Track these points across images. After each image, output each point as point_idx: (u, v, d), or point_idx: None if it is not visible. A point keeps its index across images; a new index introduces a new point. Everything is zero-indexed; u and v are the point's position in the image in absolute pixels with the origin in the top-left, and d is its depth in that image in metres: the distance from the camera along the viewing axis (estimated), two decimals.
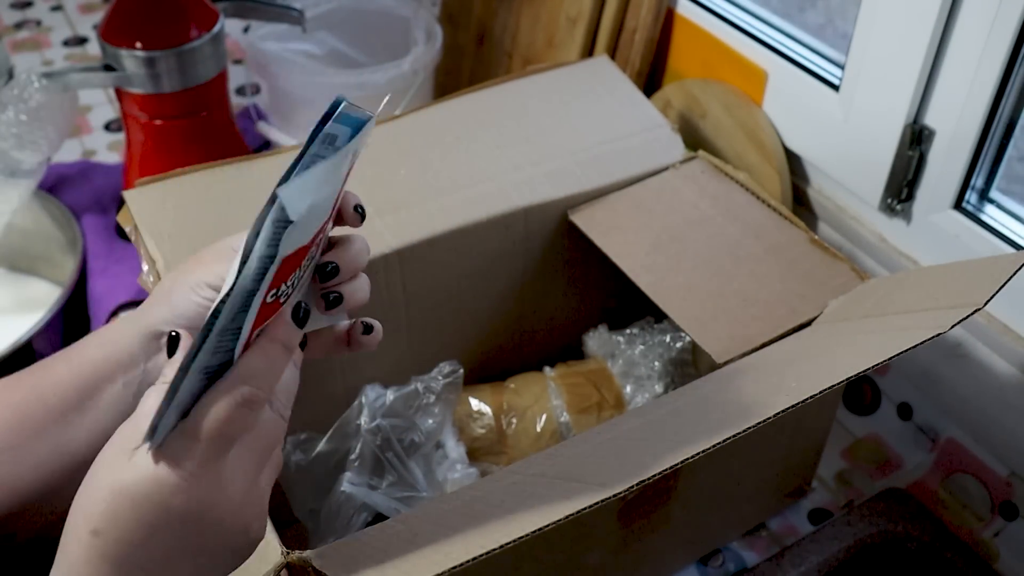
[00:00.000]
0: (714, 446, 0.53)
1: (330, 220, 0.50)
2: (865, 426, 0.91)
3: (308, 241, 0.47)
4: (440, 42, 1.18)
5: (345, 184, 0.50)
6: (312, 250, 0.49)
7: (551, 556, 0.67)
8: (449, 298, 0.83)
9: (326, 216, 0.48)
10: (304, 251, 0.47)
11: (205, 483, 0.44)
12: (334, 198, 0.49)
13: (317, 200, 0.44)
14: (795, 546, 0.79)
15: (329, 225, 0.51)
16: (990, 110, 0.76)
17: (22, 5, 1.57)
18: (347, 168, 0.48)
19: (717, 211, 0.83)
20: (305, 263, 0.49)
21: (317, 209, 0.45)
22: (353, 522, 0.71)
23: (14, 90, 0.93)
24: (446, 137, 0.87)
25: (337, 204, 0.51)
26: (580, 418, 0.81)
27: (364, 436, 0.74)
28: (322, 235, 0.50)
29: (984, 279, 0.60)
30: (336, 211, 0.51)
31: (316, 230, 0.47)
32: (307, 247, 0.47)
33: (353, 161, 0.49)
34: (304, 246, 0.46)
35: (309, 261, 0.50)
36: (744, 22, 0.98)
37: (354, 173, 0.51)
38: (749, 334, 0.72)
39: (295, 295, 0.49)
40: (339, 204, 0.51)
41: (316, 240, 0.49)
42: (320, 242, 0.50)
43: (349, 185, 0.51)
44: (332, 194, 0.48)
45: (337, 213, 0.52)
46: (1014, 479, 0.81)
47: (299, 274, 0.48)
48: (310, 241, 0.47)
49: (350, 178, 0.50)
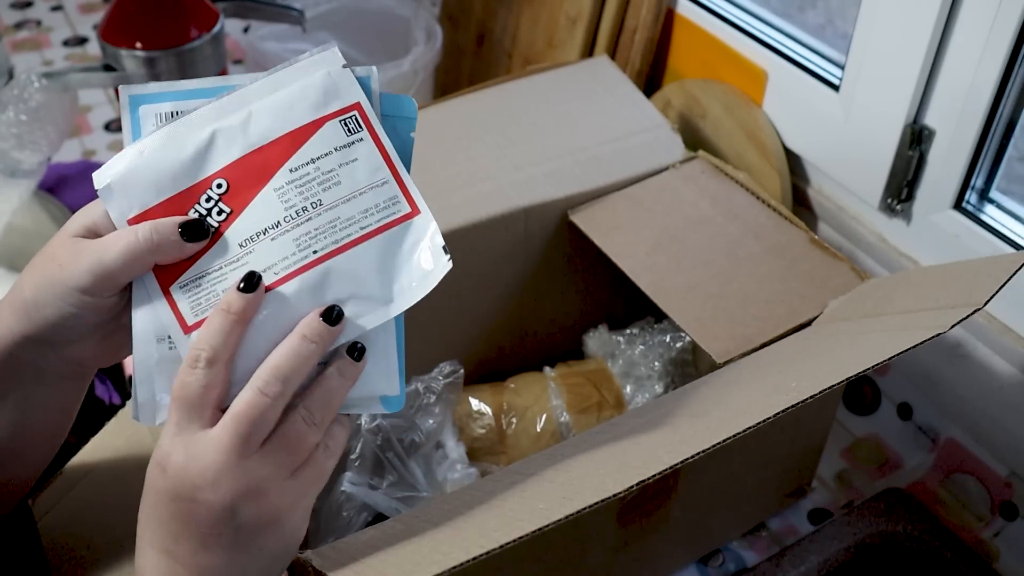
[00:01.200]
0: (714, 446, 0.53)
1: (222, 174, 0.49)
2: (865, 426, 0.91)
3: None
4: (440, 42, 1.18)
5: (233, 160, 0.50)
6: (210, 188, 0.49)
7: (551, 556, 0.67)
8: (449, 298, 0.83)
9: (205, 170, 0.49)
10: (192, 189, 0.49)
11: (181, 444, 0.46)
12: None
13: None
14: (795, 546, 0.79)
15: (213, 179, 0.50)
16: (990, 110, 0.76)
17: (22, 5, 1.57)
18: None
19: (717, 211, 0.83)
20: (207, 200, 0.49)
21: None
22: (353, 522, 0.71)
23: (14, 90, 0.93)
24: (446, 137, 0.87)
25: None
26: (580, 418, 0.81)
27: (364, 436, 0.74)
28: (212, 188, 0.49)
29: (984, 279, 0.60)
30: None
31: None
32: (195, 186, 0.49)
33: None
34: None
35: (200, 217, 0.49)
36: (744, 22, 0.98)
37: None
38: (749, 334, 0.72)
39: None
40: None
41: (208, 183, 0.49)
42: (209, 200, 0.49)
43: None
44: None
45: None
46: (1014, 479, 0.81)
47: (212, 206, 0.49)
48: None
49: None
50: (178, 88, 0.51)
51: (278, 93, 0.50)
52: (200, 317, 0.48)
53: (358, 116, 0.50)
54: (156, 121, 0.50)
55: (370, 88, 0.51)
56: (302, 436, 0.47)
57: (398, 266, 0.50)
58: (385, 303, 0.50)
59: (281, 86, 0.50)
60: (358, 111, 0.50)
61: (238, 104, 0.50)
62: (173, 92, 0.51)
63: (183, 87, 0.51)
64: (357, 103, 0.51)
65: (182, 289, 0.49)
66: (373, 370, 0.50)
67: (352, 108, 0.50)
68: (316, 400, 0.48)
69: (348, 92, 0.51)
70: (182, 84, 0.51)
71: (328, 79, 0.50)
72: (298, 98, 0.50)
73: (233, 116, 0.50)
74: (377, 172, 0.50)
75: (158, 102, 0.51)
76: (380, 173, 0.50)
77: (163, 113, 0.50)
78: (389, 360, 0.51)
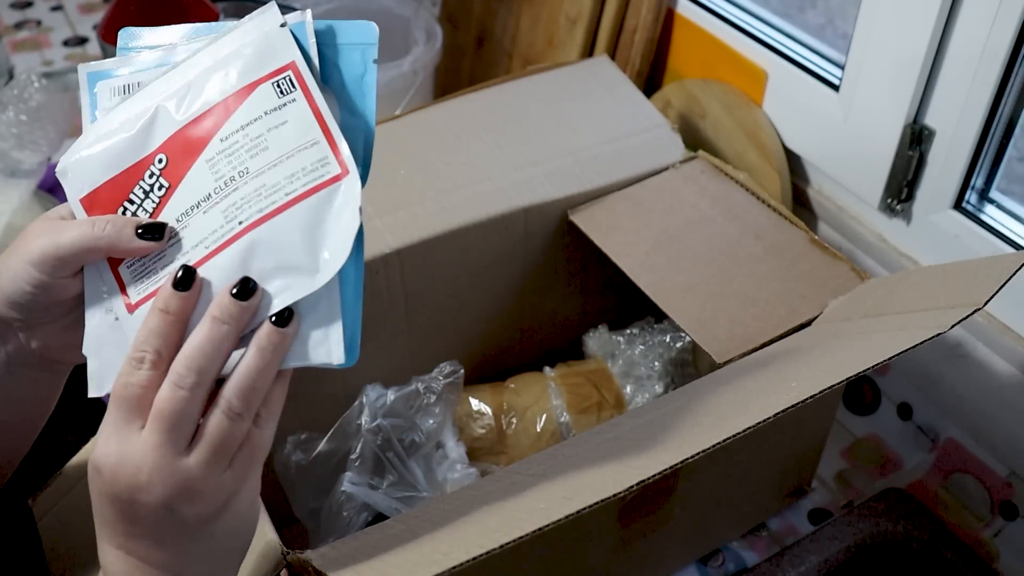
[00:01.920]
0: (714, 446, 0.53)
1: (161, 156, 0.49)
2: (865, 426, 0.91)
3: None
4: (440, 42, 1.18)
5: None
6: (150, 170, 0.49)
7: (551, 556, 0.67)
8: (449, 298, 0.83)
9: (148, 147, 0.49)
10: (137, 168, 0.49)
11: (115, 445, 0.45)
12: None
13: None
14: (795, 546, 0.79)
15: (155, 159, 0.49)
16: (990, 110, 0.76)
17: (22, 5, 1.57)
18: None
19: (717, 211, 0.83)
20: (138, 193, 0.49)
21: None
22: (353, 522, 0.71)
23: (14, 90, 0.93)
24: (446, 137, 0.87)
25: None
26: (580, 418, 0.81)
27: (365, 436, 0.74)
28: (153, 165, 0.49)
29: (984, 279, 0.60)
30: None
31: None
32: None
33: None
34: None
35: (144, 193, 0.49)
36: (744, 22, 0.98)
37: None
38: (749, 334, 0.72)
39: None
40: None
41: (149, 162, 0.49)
42: (151, 176, 0.49)
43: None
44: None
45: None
46: (1014, 479, 0.81)
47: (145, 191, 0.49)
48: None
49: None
50: (131, 61, 0.51)
51: (215, 61, 0.49)
52: (142, 295, 0.48)
53: (292, 76, 0.48)
54: (111, 95, 0.51)
55: (306, 39, 0.49)
56: (226, 431, 0.45)
57: (326, 232, 0.47)
58: (312, 272, 0.47)
59: (220, 52, 0.49)
60: (292, 70, 0.48)
61: (180, 76, 0.49)
62: (127, 65, 0.51)
63: (136, 61, 0.51)
64: (292, 62, 0.48)
65: (129, 268, 0.49)
66: (311, 335, 0.47)
67: (286, 68, 0.48)
68: (235, 389, 0.45)
69: (284, 52, 0.48)
70: (134, 59, 0.51)
71: (264, 40, 0.49)
72: (232, 64, 0.49)
73: (174, 89, 0.49)
74: (307, 133, 0.48)
75: (112, 77, 0.51)
76: (310, 134, 0.48)
77: (117, 87, 0.51)
78: (330, 326, 0.47)
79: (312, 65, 0.49)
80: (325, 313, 0.47)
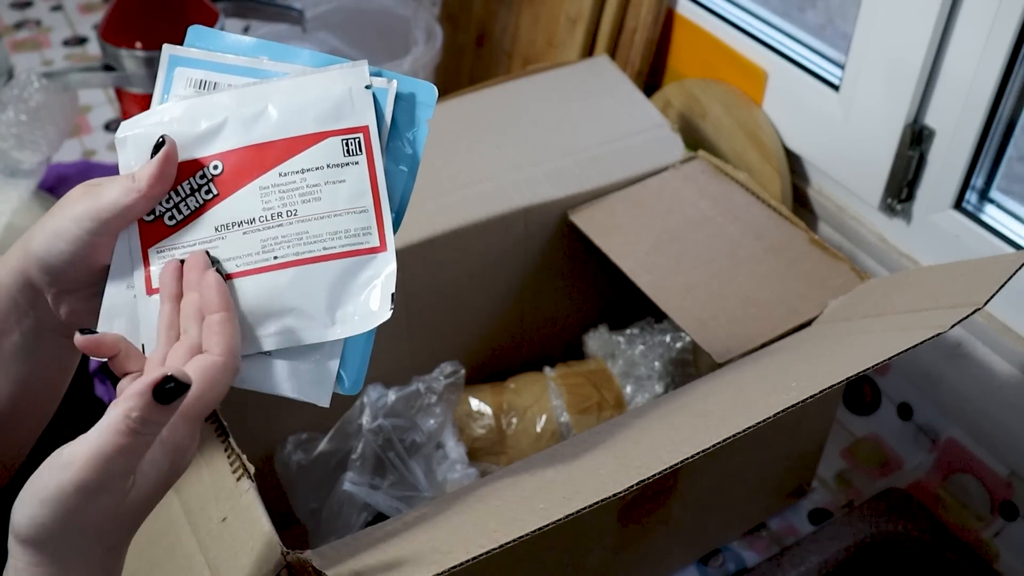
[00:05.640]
0: (714, 446, 0.53)
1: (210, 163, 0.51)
2: (865, 426, 0.91)
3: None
4: (440, 42, 1.18)
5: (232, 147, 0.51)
6: (194, 179, 0.50)
7: (551, 556, 0.67)
8: (449, 298, 0.83)
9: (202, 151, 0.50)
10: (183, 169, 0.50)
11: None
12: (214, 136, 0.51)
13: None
14: (795, 546, 0.79)
15: (213, 165, 0.51)
16: (990, 110, 0.76)
17: (22, 5, 1.57)
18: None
19: (717, 211, 0.83)
20: (186, 187, 0.50)
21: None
22: (354, 522, 0.71)
23: (14, 90, 0.93)
24: (446, 137, 0.87)
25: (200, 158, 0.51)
26: (580, 418, 0.81)
27: (366, 436, 0.74)
28: (205, 170, 0.51)
29: (984, 279, 0.60)
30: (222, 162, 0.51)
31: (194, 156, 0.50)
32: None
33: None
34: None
35: (191, 190, 0.51)
36: (744, 22, 0.98)
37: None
38: (749, 334, 0.72)
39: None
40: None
41: (199, 169, 0.50)
42: (203, 178, 0.51)
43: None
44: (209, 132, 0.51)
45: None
46: (1014, 479, 0.81)
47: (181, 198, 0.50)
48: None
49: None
50: (215, 59, 0.52)
51: (295, 97, 0.51)
52: None
53: (362, 139, 0.51)
54: (186, 84, 0.52)
55: (383, 107, 0.52)
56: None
57: (348, 295, 0.51)
58: (325, 326, 0.51)
59: (302, 91, 0.51)
60: (364, 134, 0.51)
61: (257, 98, 0.51)
62: (209, 62, 0.52)
63: (220, 60, 0.52)
64: (365, 126, 0.51)
65: (158, 254, 0.51)
66: (308, 374, 0.51)
67: (358, 130, 0.51)
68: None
69: (361, 113, 0.51)
70: (220, 57, 0.53)
71: (346, 96, 0.51)
72: (310, 107, 0.51)
73: (249, 108, 0.51)
74: (360, 198, 0.51)
75: (193, 67, 0.52)
76: (362, 200, 0.51)
77: (195, 79, 0.52)
78: (325, 374, 0.51)
79: (383, 134, 0.52)
80: (327, 355, 0.51)
